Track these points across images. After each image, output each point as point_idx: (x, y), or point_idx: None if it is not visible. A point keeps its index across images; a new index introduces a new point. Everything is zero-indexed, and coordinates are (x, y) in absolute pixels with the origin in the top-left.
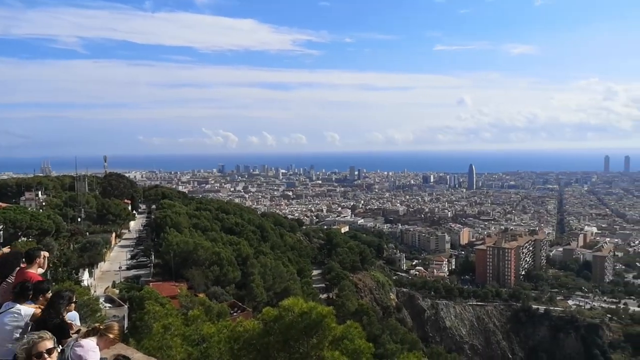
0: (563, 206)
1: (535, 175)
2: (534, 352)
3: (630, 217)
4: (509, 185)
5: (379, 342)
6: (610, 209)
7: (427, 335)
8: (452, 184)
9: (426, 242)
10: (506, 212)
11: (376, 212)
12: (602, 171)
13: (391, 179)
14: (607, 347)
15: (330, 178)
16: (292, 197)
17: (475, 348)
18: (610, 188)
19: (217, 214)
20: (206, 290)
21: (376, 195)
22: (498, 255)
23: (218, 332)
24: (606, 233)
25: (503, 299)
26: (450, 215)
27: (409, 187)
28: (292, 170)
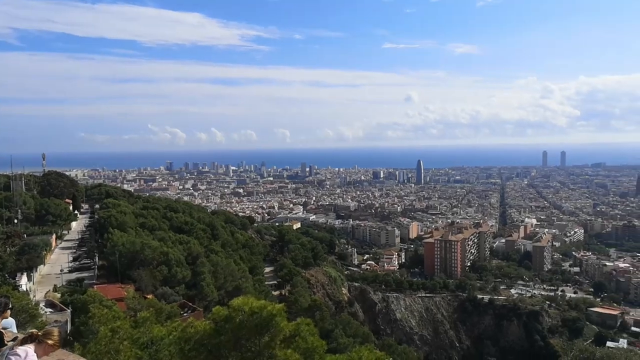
0: (505, 199)
1: (479, 170)
2: (480, 339)
3: (566, 209)
4: (455, 179)
5: (332, 337)
6: (548, 202)
7: (379, 328)
8: (401, 180)
9: (377, 236)
10: (452, 205)
11: (328, 208)
12: (540, 165)
13: (342, 175)
14: (546, 332)
15: (282, 175)
16: (243, 195)
17: (424, 338)
18: (548, 181)
19: (166, 213)
20: (155, 291)
21: (327, 192)
22: (445, 248)
23: (168, 333)
24: (545, 224)
25: (450, 290)
26: (399, 210)
27: (360, 183)
28: (242, 167)
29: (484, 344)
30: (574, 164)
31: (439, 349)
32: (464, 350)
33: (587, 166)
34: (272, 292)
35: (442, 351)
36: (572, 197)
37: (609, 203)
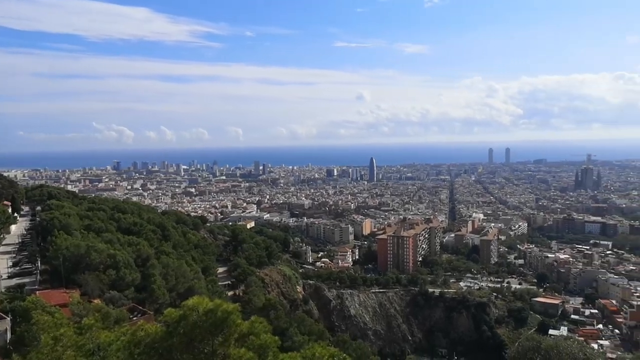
0: (454, 195)
1: (429, 167)
2: (431, 332)
3: (511, 204)
4: (407, 176)
5: (287, 335)
6: (494, 197)
7: (334, 324)
8: (354, 177)
9: (331, 234)
10: (404, 202)
11: (282, 207)
12: (487, 162)
13: (296, 173)
14: (493, 322)
15: (235, 173)
16: (195, 194)
17: (378, 333)
18: (494, 177)
19: (113, 214)
20: (102, 295)
21: (281, 190)
22: (398, 244)
23: (116, 339)
24: (491, 219)
25: (403, 285)
26: (353, 207)
27: (314, 181)
28: (194, 166)
29: (435, 336)
30: (518, 161)
31: (392, 343)
32: (416, 343)
33: (529, 162)
34: (226, 293)
35: (395, 345)
36: (516, 192)
37: (550, 197)
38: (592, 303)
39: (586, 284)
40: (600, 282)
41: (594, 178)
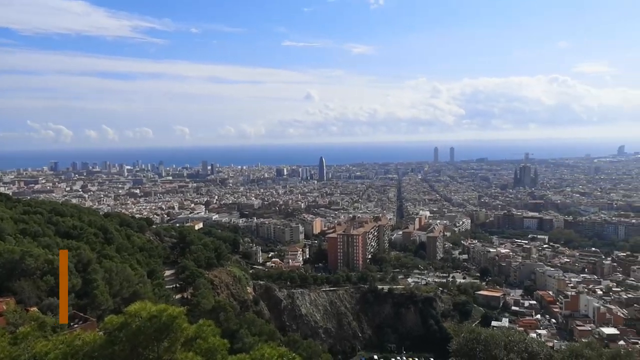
0: (402, 193)
1: (378, 166)
2: (380, 328)
3: (455, 201)
4: (356, 175)
5: (237, 337)
6: (439, 195)
7: (285, 324)
8: (304, 176)
9: (281, 233)
10: (354, 201)
11: (231, 207)
12: (432, 161)
13: (245, 173)
14: (439, 316)
15: (182, 174)
16: (139, 195)
17: (329, 331)
18: (439, 176)
19: (51, 217)
20: (39, 303)
21: (230, 190)
22: (347, 242)
23: (53, 348)
24: (437, 216)
25: (353, 283)
26: (303, 207)
27: (263, 181)
28: (138, 166)
29: (384, 332)
30: (462, 159)
31: (343, 340)
32: (366, 340)
33: (472, 161)
34: (173, 296)
35: (346, 342)
36: (460, 190)
37: (491, 195)
38: (531, 294)
39: (525, 277)
40: (538, 274)
41: (531, 176)
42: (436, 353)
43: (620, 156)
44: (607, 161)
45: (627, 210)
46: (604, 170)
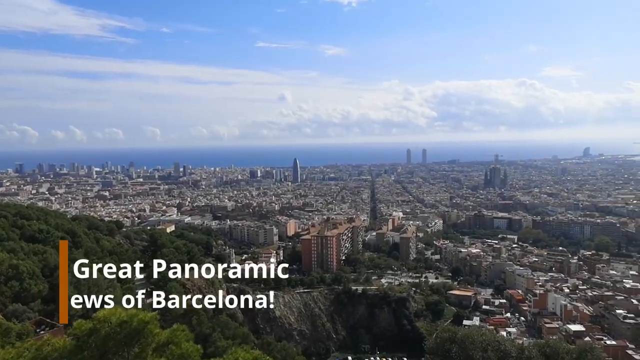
0: (375, 195)
1: (351, 167)
2: (354, 329)
3: (427, 202)
4: (330, 177)
5: (210, 341)
6: (412, 196)
7: (259, 327)
8: (278, 178)
9: (255, 235)
10: (328, 202)
11: (204, 209)
12: (405, 162)
13: (218, 174)
14: (413, 316)
15: (153, 175)
16: (109, 198)
17: (303, 333)
18: (412, 177)
19: (16, 221)
20: (4, 309)
21: (203, 192)
22: (322, 244)
23: (18, 355)
24: (410, 217)
25: (327, 284)
26: (277, 209)
27: (237, 183)
28: (108, 168)
29: (358, 333)
30: (434, 161)
31: (317, 342)
32: (340, 341)
33: (444, 162)
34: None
35: (320, 343)
36: (432, 191)
37: (462, 195)
38: (501, 293)
39: (495, 276)
40: (508, 273)
41: (501, 177)
42: (409, 352)
43: (586, 158)
44: (573, 163)
45: (592, 210)
46: (570, 171)
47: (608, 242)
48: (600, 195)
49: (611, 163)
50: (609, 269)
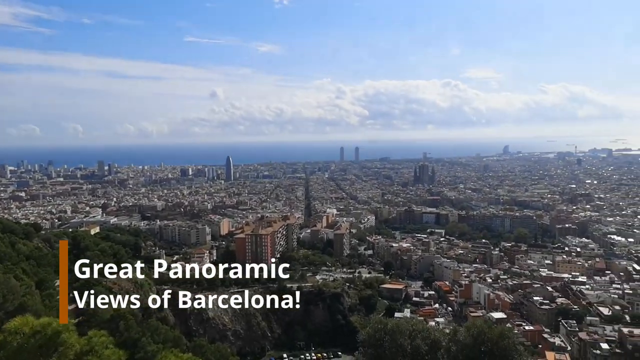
0: (310, 192)
1: (285, 165)
2: (290, 326)
3: (360, 199)
4: (264, 175)
5: (139, 346)
6: (345, 193)
7: (191, 329)
8: (210, 176)
9: (187, 235)
10: (262, 200)
11: (131, 209)
12: (339, 160)
13: (147, 173)
14: (347, 311)
15: (75, 175)
16: (25, 199)
17: (238, 333)
18: (345, 174)
19: None
20: None
21: (131, 192)
22: (256, 242)
23: None
24: (343, 213)
25: (262, 283)
26: (210, 207)
27: (167, 181)
28: (23, 166)
29: (293, 330)
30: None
31: (252, 341)
32: (275, 339)
33: (376, 160)
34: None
35: (255, 343)
36: (365, 188)
37: (393, 192)
38: (430, 285)
39: (424, 269)
40: (436, 266)
41: (429, 174)
42: (344, 347)
43: (505, 155)
44: (494, 160)
45: (512, 204)
46: (491, 168)
47: (526, 234)
48: (519, 190)
49: (528, 160)
50: (527, 259)
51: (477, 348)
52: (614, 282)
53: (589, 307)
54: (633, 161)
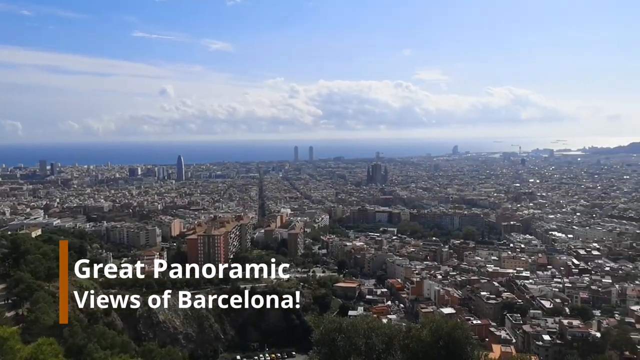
0: (263, 192)
1: (239, 164)
2: (243, 327)
3: (314, 198)
4: (217, 175)
5: (85, 353)
6: (300, 192)
7: (140, 334)
8: (161, 176)
9: (136, 237)
10: (215, 200)
11: (76, 211)
12: (293, 160)
13: (93, 173)
14: (301, 311)
15: (14, 174)
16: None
17: (189, 336)
18: (300, 174)
19: None
20: None
21: (75, 192)
22: (208, 243)
23: None
24: (298, 213)
25: (215, 284)
26: (160, 208)
27: (115, 181)
28: None
29: (247, 331)
30: (320, 158)
31: (205, 344)
32: (228, 341)
33: (330, 159)
34: (5, 314)
35: (208, 345)
36: (319, 187)
37: (347, 191)
38: (383, 283)
39: (377, 267)
40: (389, 264)
41: (382, 173)
42: (298, 347)
43: (454, 155)
44: (444, 159)
45: (461, 203)
46: (441, 167)
47: (474, 232)
48: (467, 189)
49: (476, 160)
50: (474, 255)
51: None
52: (555, 276)
53: (532, 300)
54: (572, 161)
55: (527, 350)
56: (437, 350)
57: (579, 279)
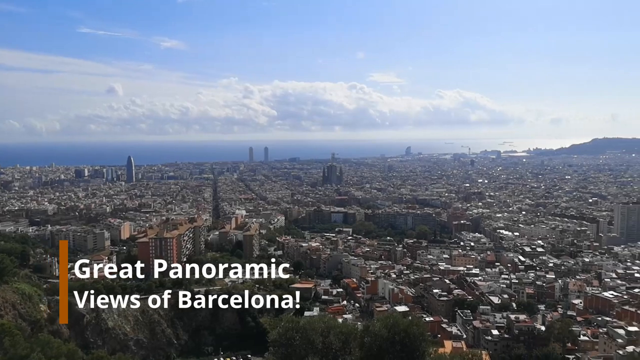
0: (218, 193)
1: (192, 165)
2: (197, 331)
3: (270, 199)
4: (169, 176)
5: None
6: (255, 193)
7: (88, 341)
8: (109, 178)
9: (83, 241)
10: (167, 202)
11: (17, 214)
12: (247, 160)
13: (36, 174)
14: (256, 312)
15: None
16: None
17: (140, 342)
18: (255, 175)
19: None
20: None
21: (17, 195)
22: (160, 246)
23: None
24: (253, 214)
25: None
26: (109, 211)
27: (60, 183)
28: None
29: (201, 335)
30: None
31: (157, 350)
32: (181, 346)
33: (285, 160)
34: None
35: (160, 351)
36: (274, 188)
37: (303, 192)
38: (338, 283)
39: (333, 267)
40: (344, 264)
41: (337, 174)
42: (253, 349)
43: (407, 156)
44: (397, 160)
45: (414, 202)
46: (395, 168)
47: (426, 231)
48: (420, 189)
49: (428, 160)
50: (427, 254)
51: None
52: (503, 273)
53: (482, 297)
54: (518, 162)
55: (477, 345)
56: (392, 345)
57: (525, 275)
